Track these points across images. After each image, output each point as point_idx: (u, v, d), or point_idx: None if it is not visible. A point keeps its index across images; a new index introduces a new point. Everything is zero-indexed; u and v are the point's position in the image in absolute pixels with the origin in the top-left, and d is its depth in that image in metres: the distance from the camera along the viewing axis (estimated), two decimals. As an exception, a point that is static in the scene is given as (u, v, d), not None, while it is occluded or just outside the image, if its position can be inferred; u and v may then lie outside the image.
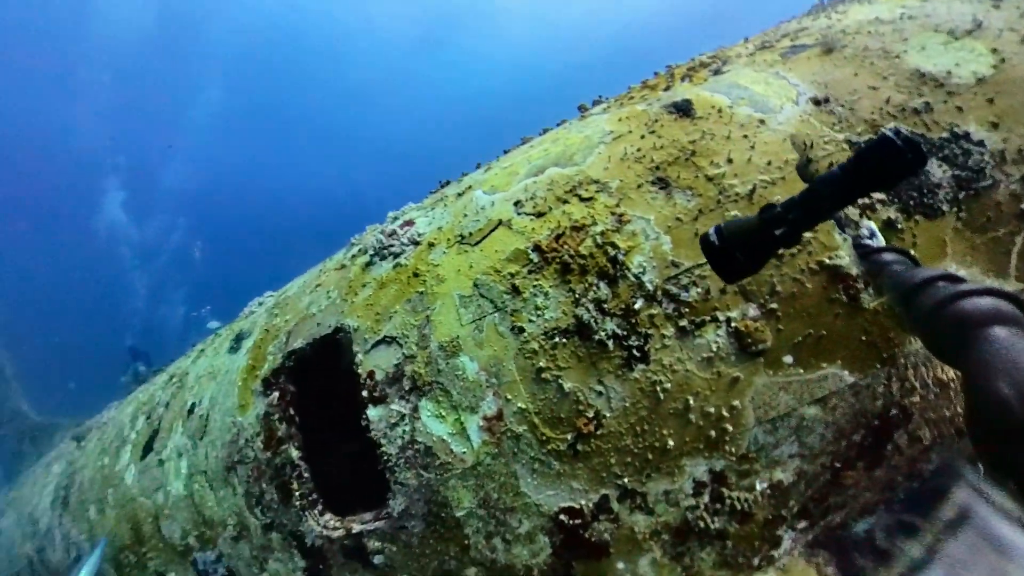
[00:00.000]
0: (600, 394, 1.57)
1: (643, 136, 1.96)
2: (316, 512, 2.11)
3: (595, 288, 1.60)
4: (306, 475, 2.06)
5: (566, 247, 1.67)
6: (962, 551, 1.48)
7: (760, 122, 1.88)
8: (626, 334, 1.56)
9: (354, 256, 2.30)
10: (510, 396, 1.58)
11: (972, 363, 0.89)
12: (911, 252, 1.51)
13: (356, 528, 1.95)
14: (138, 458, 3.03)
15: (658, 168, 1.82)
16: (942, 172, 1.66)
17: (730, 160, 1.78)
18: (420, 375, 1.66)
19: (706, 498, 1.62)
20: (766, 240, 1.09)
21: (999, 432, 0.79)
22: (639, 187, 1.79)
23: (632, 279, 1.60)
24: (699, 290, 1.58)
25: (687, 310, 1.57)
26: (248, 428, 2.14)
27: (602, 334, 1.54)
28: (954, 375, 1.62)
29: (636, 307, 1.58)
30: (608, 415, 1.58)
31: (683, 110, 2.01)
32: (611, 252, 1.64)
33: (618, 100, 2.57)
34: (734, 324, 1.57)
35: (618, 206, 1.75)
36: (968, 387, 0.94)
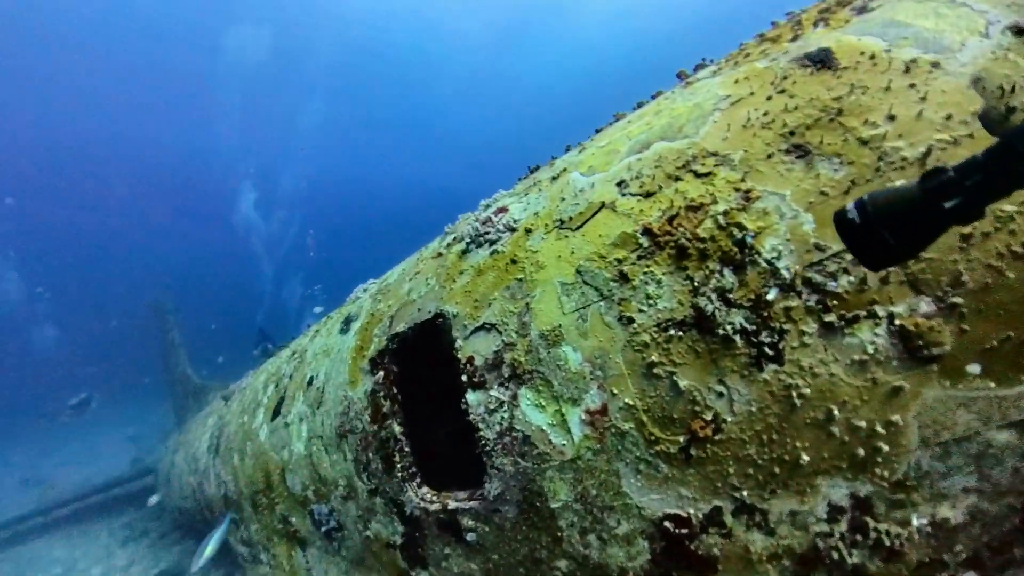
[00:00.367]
0: (721, 395, 1.39)
1: (770, 97, 1.67)
2: (415, 484, 2.23)
3: (718, 275, 1.41)
4: (407, 449, 2.18)
5: (681, 229, 1.49)
6: None
7: (933, 66, 1.49)
8: (756, 329, 1.35)
9: (449, 244, 2.34)
10: (616, 390, 1.47)
11: None
12: None
13: (452, 505, 2.02)
14: (269, 419, 3.50)
15: (793, 133, 1.54)
16: None
17: (891, 117, 1.44)
18: (520, 363, 1.62)
19: (843, 526, 1.37)
20: (930, 216, 0.82)
21: None
22: (769, 157, 1.53)
23: (764, 265, 1.38)
24: (851, 279, 1.31)
25: (835, 303, 1.31)
26: (357, 402, 2.32)
27: (727, 328, 1.36)
28: None
29: (768, 298, 1.36)
30: (729, 419, 1.39)
31: (821, 61, 1.68)
32: (737, 234, 1.43)
33: (731, 60, 2.24)
34: (899, 322, 1.28)
35: (743, 181, 1.52)
36: None
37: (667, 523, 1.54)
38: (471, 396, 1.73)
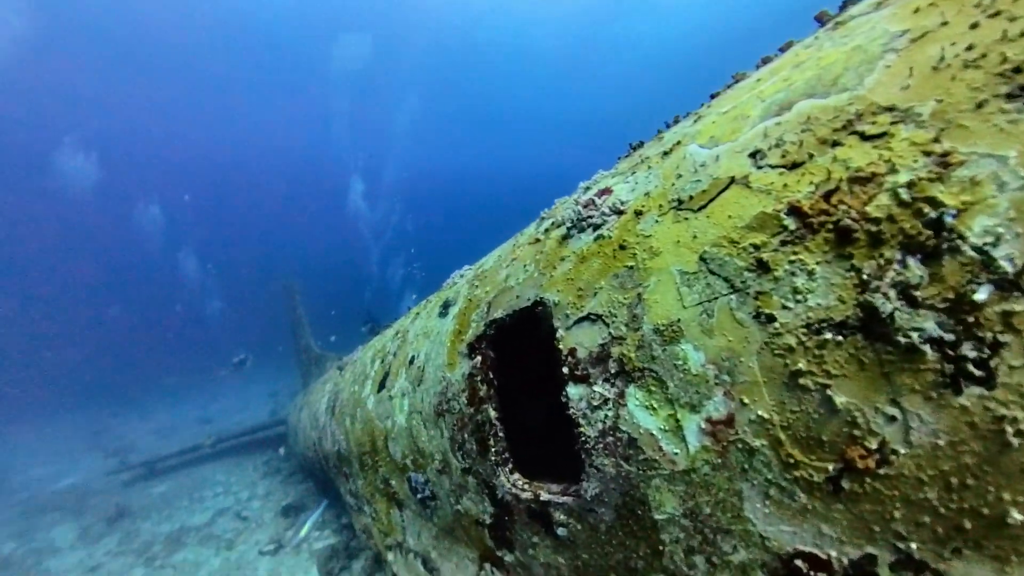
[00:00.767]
0: (893, 420, 1.10)
1: (975, 24, 1.25)
2: (507, 470, 2.23)
3: (897, 267, 1.10)
4: (501, 434, 2.18)
5: (843, 207, 1.20)
6: None
7: None
8: (955, 339, 1.03)
9: (547, 230, 2.25)
10: (747, 400, 1.25)
11: None
12: None
13: (544, 496, 1.97)
14: (375, 391, 3.83)
15: (1020, 70, 1.13)
16: None
17: None
18: (629, 359, 1.47)
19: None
20: None
21: None
22: (979, 107, 1.15)
23: (970, 254, 1.04)
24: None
25: (1090, 309, 0.94)
26: (455, 384, 2.39)
27: (911, 335, 1.06)
28: None
29: (977, 298, 1.02)
30: (903, 451, 1.10)
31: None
32: (928, 212, 1.10)
33: (905, -15, 1.75)
34: None
35: (937, 141, 1.16)
36: None
37: (798, 561, 1.30)
38: (572, 390, 1.63)
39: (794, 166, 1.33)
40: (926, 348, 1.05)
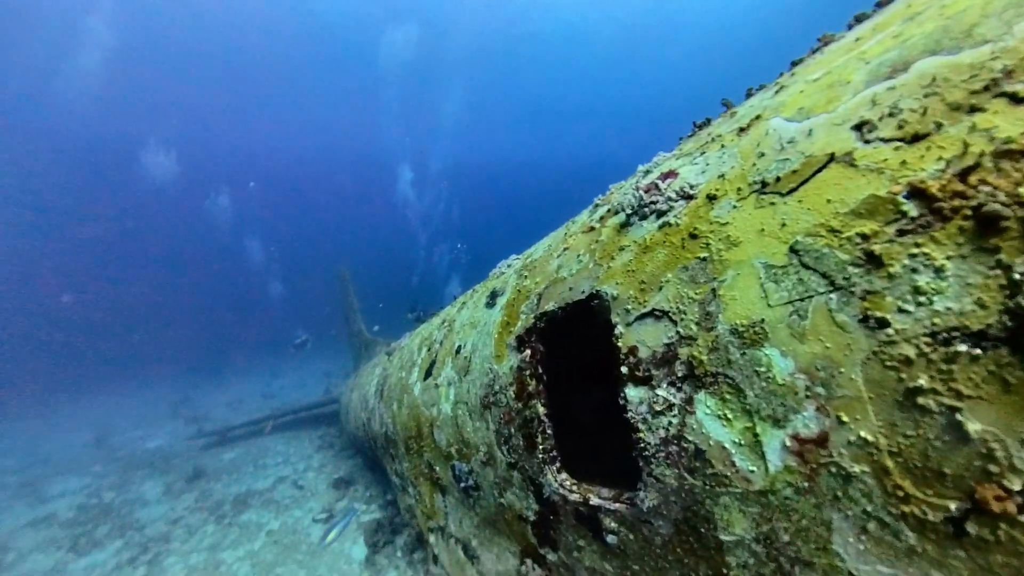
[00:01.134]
0: (1049, 454, 0.89)
1: None
2: (555, 468, 2.14)
3: (1067, 265, 0.88)
4: (549, 432, 2.09)
5: (986, 189, 0.97)
6: None
7: None
8: None
9: (603, 217, 2.10)
10: (847, 418, 1.07)
11: None
12: None
13: (594, 501, 1.87)
14: (421, 378, 3.88)
15: None
16: None
17: None
18: (700, 362, 1.32)
19: None
20: None
21: None
22: None
23: None
24: None
25: None
26: (502, 377, 2.32)
27: (1087, 352, 0.84)
28: None
29: None
30: (1060, 493, 0.89)
31: None
32: (1117, 197, 0.86)
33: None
34: None
35: None
36: None
37: (899, 605, 1.11)
38: (631, 392, 1.50)
39: (915, 139, 1.10)
40: (1108, 369, 0.82)
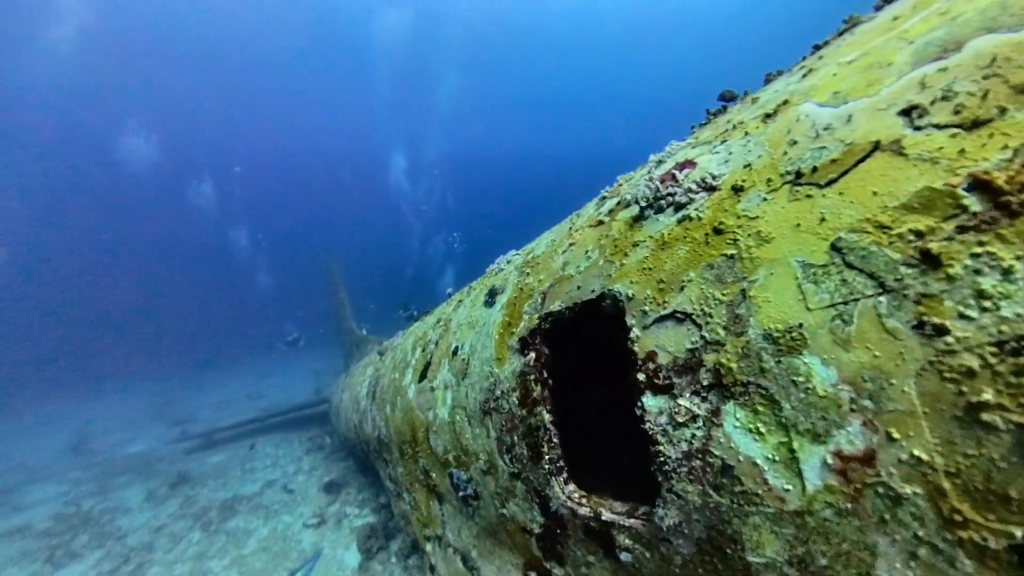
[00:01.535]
0: None
1: None
2: (562, 480, 2.03)
3: None
4: (556, 441, 1.98)
5: (1060, 182, 0.87)
6: None
7: None
8: None
9: (612, 210, 1.98)
10: (898, 434, 0.97)
11: None
12: None
13: (606, 516, 1.75)
14: (416, 380, 3.73)
15: None
16: None
17: None
18: (729, 370, 1.21)
19: None
20: None
21: None
22: None
23: None
24: None
25: None
26: (504, 381, 2.20)
27: None
28: None
29: None
30: None
31: None
32: None
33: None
34: None
35: None
36: None
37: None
38: (650, 401, 1.39)
39: (975, 125, 1.00)
40: None
